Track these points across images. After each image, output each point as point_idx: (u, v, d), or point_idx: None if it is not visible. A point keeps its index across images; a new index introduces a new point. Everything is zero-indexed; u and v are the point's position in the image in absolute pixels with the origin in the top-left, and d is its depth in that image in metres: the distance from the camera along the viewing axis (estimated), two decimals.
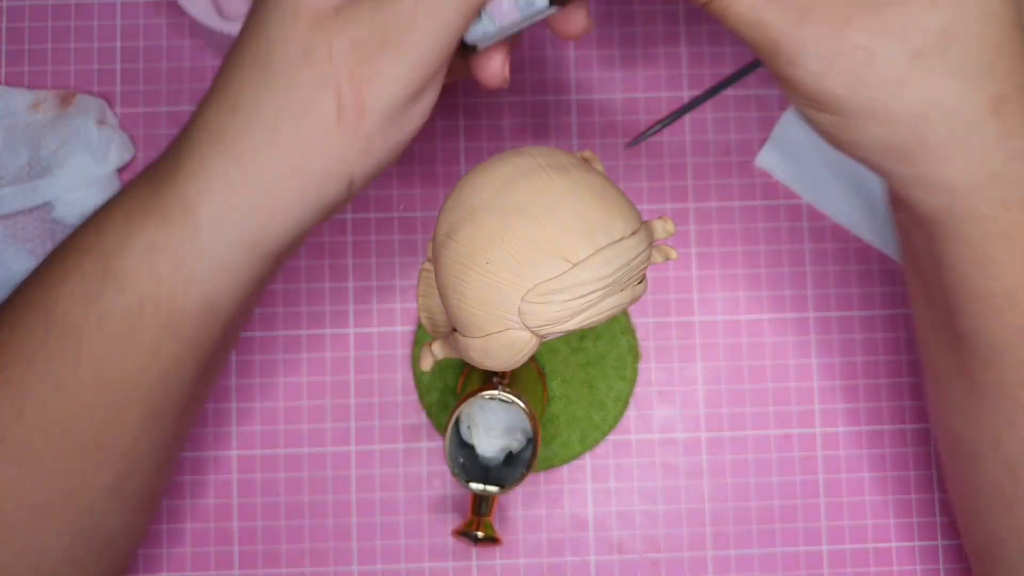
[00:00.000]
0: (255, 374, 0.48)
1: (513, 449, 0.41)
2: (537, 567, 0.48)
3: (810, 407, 0.49)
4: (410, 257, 0.49)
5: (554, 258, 0.28)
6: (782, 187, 0.50)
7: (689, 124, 0.50)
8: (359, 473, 0.48)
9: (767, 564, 0.48)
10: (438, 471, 0.48)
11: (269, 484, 0.48)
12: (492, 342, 0.29)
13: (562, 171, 0.30)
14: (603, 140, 0.50)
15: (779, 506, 0.48)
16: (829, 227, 0.50)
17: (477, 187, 0.30)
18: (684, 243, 0.50)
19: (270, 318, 0.48)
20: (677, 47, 0.50)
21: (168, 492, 0.48)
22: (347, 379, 0.48)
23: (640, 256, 0.30)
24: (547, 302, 0.28)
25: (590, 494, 0.48)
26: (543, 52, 0.50)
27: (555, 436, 0.48)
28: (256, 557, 0.47)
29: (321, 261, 0.49)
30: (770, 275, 0.49)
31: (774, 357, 0.49)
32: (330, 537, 0.48)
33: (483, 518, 0.40)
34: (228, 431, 0.48)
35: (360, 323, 0.49)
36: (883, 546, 0.48)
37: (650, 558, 0.48)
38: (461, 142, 0.50)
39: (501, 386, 0.40)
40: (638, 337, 0.49)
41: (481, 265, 0.29)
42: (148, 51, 0.49)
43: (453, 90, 0.50)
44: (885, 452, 0.48)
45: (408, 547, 0.48)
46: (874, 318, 0.49)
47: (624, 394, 0.48)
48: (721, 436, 0.49)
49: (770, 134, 0.50)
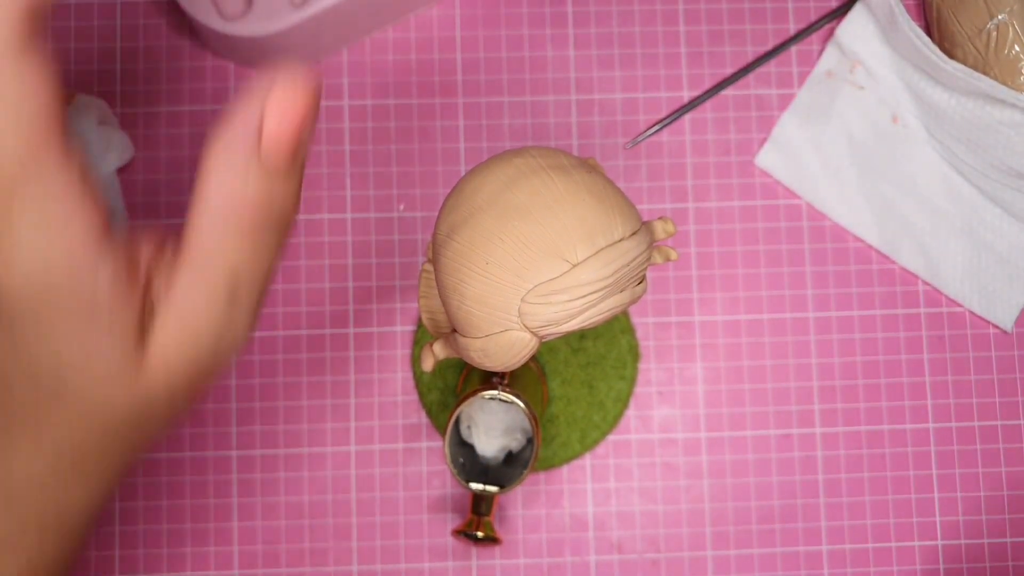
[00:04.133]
0: (255, 375, 0.48)
1: (513, 449, 0.41)
2: (537, 567, 0.48)
3: (810, 407, 0.49)
4: (410, 257, 0.49)
5: (554, 259, 0.28)
6: (782, 187, 0.50)
7: (689, 124, 0.50)
8: (359, 473, 0.48)
9: (767, 564, 0.48)
10: (438, 471, 0.48)
11: (269, 484, 0.48)
12: (492, 343, 0.29)
13: (562, 172, 0.30)
14: (603, 140, 0.50)
15: (779, 506, 0.48)
16: (829, 227, 0.50)
17: (477, 188, 0.30)
18: (684, 243, 0.50)
19: (270, 318, 0.49)
20: (677, 47, 0.50)
21: (168, 491, 0.48)
22: (347, 379, 0.48)
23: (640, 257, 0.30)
24: (547, 303, 0.28)
25: (590, 494, 0.48)
26: (543, 52, 0.50)
27: (555, 436, 0.48)
28: (256, 557, 0.47)
29: (321, 261, 0.49)
30: (770, 275, 0.49)
31: (774, 357, 0.49)
32: (330, 537, 0.48)
33: (483, 518, 0.40)
34: (228, 431, 0.48)
35: (360, 323, 0.49)
36: (883, 546, 0.48)
37: (650, 558, 0.48)
38: (461, 142, 0.50)
39: (501, 386, 0.40)
40: (638, 337, 0.49)
41: (481, 266, 0.29)
42: (148, 51, 0.50)
43: (454, 91, 0.50)
44: (885, 452, 0.48)
45: (408, 547, 0.48)
46: (874, 318, 0.49)
47: (624, 394, 0.48)
48: (721, 436, 0.49)
49: (770, 134, 0.50)
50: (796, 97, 0.50)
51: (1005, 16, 0.46)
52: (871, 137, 0.50)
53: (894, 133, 0.50)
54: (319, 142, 0.50)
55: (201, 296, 0.23)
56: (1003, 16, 0.46)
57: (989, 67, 0.47)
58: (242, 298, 0.23)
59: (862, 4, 0.49)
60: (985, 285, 0.49)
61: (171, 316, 0.23)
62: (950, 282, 0.49)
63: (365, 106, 0.50)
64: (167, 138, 0.49)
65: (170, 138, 0.49)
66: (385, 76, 0.50)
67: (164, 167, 0.49)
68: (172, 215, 0.49)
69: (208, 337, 0.23)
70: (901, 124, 0.50)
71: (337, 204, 0.49)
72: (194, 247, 0.22)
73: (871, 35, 0.49)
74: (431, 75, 0.50)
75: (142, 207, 0.49)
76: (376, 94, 0.50)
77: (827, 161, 0.50)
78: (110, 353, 0.22)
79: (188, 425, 0.48)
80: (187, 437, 0.48)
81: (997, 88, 0.45)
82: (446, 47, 0.50)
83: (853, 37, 0.49)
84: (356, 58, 0.50)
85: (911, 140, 0.50)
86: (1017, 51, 0.46)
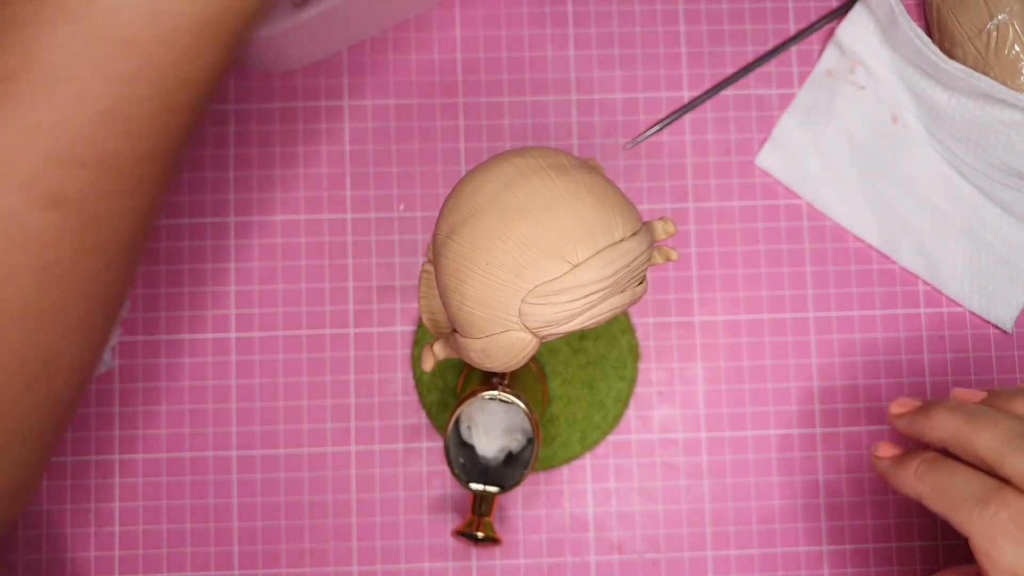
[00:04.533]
0: (255, 374, 0.48)
1: (513, 449, 0.41)
2: (537, 567, 0.48)
3: (810, 407, 0.49)
4: (410, 257, 0.49)
5: (554, 259, 0.28)
6: (782, 187, 0.50)
7: (689, 124, 0.50)
8: (359, 473, 0.48)
9: (767, 564, 0.48)
10: (438, 471, 0.48)
11: (269, 484, 0.48)
12: (492, 343, 0.29)
13: (562, 172, 0.30)
14: (603, 140, 0.50)
15: (779, 506, 0.48)
16: (829, 227, 0.50)
17: (477, 188, 0.30)
18: (684, 243, 0.50)
19: (270, 318, 0.49)
20: (677, 47, 0.50)
21: (168, 490, 0.48)
22: (347, 379, 0.48)
23: (640, 257, 0.30)
24: (547, 303, 0.28)
25: (590, 494, 0.48)
26: (543, 52, 0.50)
27: (555, 436, 0.48)
28: (256, 557, 0.47)
29: (321, 261, 0.49)
30: (770, 275, 0.49)
31: (774, 357, 0.49)
32: (330, 537, 0.48)
33: (483, 518, 0.40)
34: (228, 431, 0.48)
35: (360, 323, 0.49)
36: (883, 546, 0.48)
37: (650, 558, 0.48)
38: (461, 142, 0.50)
39: (501, 386, 0.40)
40: (638, 337, 0.49)
41: (481, 266, 0.29)
42: None
43: (454, 91, 0.50)
44: None
45: (408, 547, 0.48)
46: (874, 318, 0.49)
47: (624, 394, 0.48)
48: (721, 436, 0.49)
49: (770, 134, 0.50)
50: (796, 97, 0.50)
51: (1005, 16, 0.46)
52: (871, 137, 0.50)
53: (894, 133, 0.50)
54: (319, 142, 0.50)
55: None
56: (1003, 16, 0.46)
57: (989, 67, 0.47)
58: None
59: (862, 4, 0.49)
60: (985, 285, 0.49)
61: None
62: (950, 282, 0.49)
63: (365, 106, 0.50)
64: None
65: None
66: (385, 76, 0.50)
67: None
68: (172, 216, 0.49)
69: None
70: (901, 124, 0.50)
71: (337, 204, 0.49)
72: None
73: (871, 35, 0.49)
74: (431, 75, 0.50)
75: None
76: (376, 94, 0.50)
77: (827, 161, 0.50)
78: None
79: (188, 425, 0.48)
80: (187, 437, 0.48)
81: (997, 88, 0.45)
82: (446, 47, 0.50)
83: (853, 37, 0.49)
84: (356, 58, 0.50)
85: (911, 140, 0.50)
86: (1017, 51, 0.46)
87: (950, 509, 0.35)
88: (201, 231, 0.49)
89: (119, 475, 0.48)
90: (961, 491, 0.35)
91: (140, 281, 0.49)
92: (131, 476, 0.48)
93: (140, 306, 0.49)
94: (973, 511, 0.34)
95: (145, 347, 0.48)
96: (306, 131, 0.50)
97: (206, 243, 0.49)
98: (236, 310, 0.49)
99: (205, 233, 0.49)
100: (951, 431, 0.37)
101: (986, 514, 0.34)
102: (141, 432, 0.48)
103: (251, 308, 0.49)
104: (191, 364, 0.48)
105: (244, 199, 0.49)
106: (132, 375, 0.48)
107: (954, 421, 0.37)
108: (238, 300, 0.49)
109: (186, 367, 0.48)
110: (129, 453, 0.48)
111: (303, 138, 0.50)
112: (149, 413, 0.48)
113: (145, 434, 0.48)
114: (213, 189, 0.49)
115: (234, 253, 0.49)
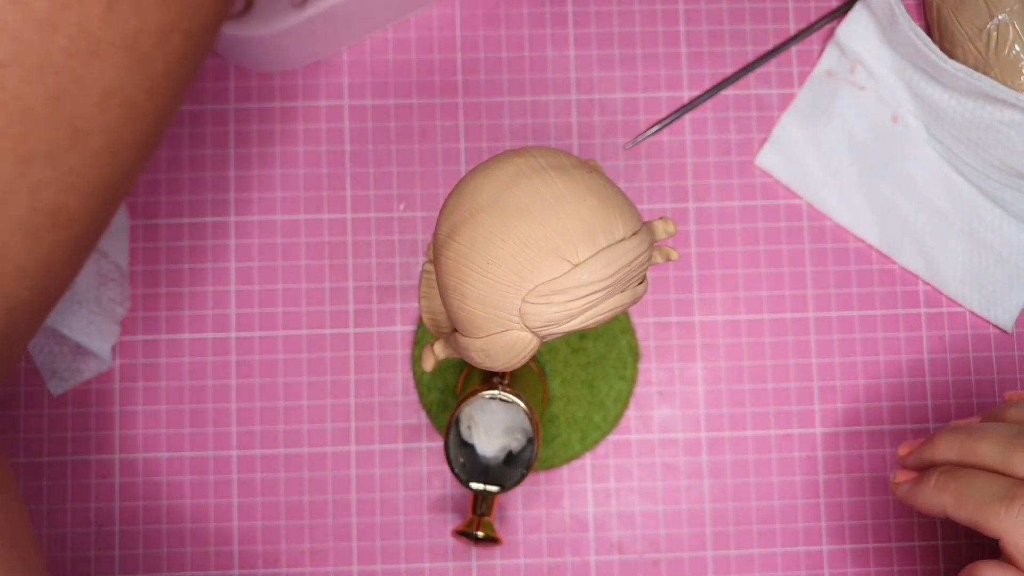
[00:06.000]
0: (255, 374, 0.48)
1: (513, 449, 0.41)
2: (537, 567, 0.48)
3: (810, 407, 0.49)
4: (410, 257, 0.49)
5: (555, 259, 0.28)
6: (782, 187, 0.50)
7: (689, 124, 0.50)
8: (359, 473, 0.48)
9: (767, 564, 0.48)
10: (438, 471, 0.48)
11: (269, 484, 0.48)
12: (493, 342, 0.29)
13: (563, 172, 0.30)
14: (603, 140, 0.50)
15: (779, 506, 0.48)
16: (829, 227, 0.50)
17: (478, 188, 0.30)
18: (684, 243, 0.50)
19: (270, 318, 0.49)
20: (677, 47, 0.50)
21: (168, 491, 0.48)
22: (347, 379, 0.48)
23: (641, 257, 0.30)
24: (548, 303, 0.28)
25: (590, 494, 0.48)
26: (543, 52, 0.50)
27: (555, 436, 0.48)
28: (256, 557, 0.47)
29: (321, 261, 0.49)
30: (770, 275, 0.49)
31: (774, 357, 0.49)
32: (330, 537, 0.48)
33: (483, 518, 0.40)
34: (228, 431, 0.48)
35: (360, 323, 0.49)
36: (883, 546, 0.48)
37: (650, 558, 0.48)
38: (461, 142, 0.50)
39: (501, 386, 0.40)
40: (638, 337, 0.49)
41: (482, 266, 0.29)
42: None
43: (454, 91, 0.50)
44: (885, 452, 0.48)
45: (408, 547, 0.48)
46: (874, 318, 0.49)
47: (624, 394, 0.48)
48: (721, 436, 0.49)
49: (770, 134, 0.50)
50: (796, 97, 0.50)
51: (1005, 16, 0.46)
52: (871, 137, 0.50)
53: (894, 133, 0.50)
54: (319, 142, 0.50)
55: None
56: (1003, 16, 0.46)
57: (989, 67, 0.47)
58: None
59: (862, 4, 0.49)
60: (985, 285, 0.49)
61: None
62: (950, 282, 0.49)
63: (365, 106, 0.50)
64: (167, 138, 0.49)
65: (170, 138, 0.49)
66: (385, 76, 0.50)
67: (164, 167, 0.49)
68: (172, 215, 0.49)
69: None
70: (901, 124, 0.50)
71: (337, 204, 0.49)
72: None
73: (871, 35, 0.49)
74: (431, 75, 0.50)
75: (142, 207, 0.49)
76: (376, 94, 0.50)
77: (827, 161, 0.50)
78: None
79: (188, 425, 0.48)
80: (187, 437, 0.48)
81: (997, 88, 0.45)
82: (446, 47, 0.50)
83: (853, 37, 0.49)
84: (356, 58, 0.50)
85: (911, 140, 0.50)
86: (1017, 51, 0.46)
87: (975, 513, 0.36)
88: (201, 231, 0.49)
89: (119, 475, 0.48)
90: (983, 494, 0.36)
91: (140, 281, 0.49)
92: (131, 476, 0.48)
93: (140, 306, 0.49)
94: (1000, 510, 0.35)
95: (145, 347, 0.48)
96: (306, 131, 0.50)
97: (206, 243, 0.49)
98: (236, 310, 0.49)
99: (205, 233, 0.49)
100: (956, 449, 0.38)
101: (1012, 510, 0.35)
102: (141, 432, 0.48)
103: (251, 308, 0.49)
104: (191, 364, 0.48)
105: (244, 199, 0.49)
106: (132, 375, 0.48)
107: (957, 439, 0.39)
108: (238, 300, 0.49)
109: (186, 367, 0.48)
110: (129, 453, 0.48)
111: (303, 138, 0.50)
112: (149, 413, 0.48)
113: (145, 434, 0.48)
114: (213, 189, 0.49)
115: (234, 253, 0.49)
